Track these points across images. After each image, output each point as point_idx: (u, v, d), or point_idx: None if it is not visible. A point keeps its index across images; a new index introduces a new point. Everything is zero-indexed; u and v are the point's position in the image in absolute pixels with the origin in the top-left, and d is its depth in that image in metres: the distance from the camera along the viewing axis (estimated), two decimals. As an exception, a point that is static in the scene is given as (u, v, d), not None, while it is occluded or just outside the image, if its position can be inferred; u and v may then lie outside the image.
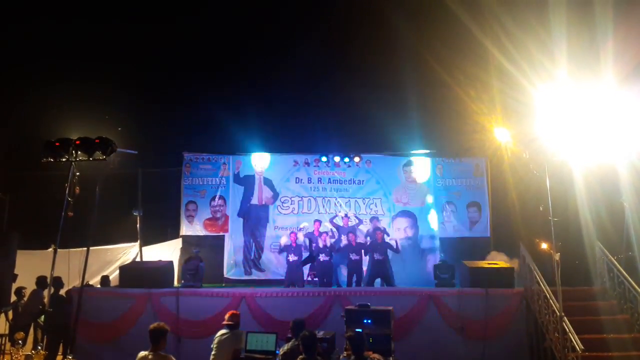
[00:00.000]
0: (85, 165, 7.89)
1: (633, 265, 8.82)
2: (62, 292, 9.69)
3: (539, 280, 8.53)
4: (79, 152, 7.65)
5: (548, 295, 8.09)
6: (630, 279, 8.12)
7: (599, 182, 8.80)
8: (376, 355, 5.45)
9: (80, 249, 9.29)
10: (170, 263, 10.55)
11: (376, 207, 12.80)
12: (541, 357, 8.46)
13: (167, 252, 12.30)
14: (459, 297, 8.99)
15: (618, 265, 8.57)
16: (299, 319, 6.70)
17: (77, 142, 7.60)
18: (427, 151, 12.97)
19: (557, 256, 7.35)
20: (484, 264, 9.75)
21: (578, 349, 7.00)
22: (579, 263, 9.96)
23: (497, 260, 10.16)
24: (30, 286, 9.68)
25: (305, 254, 10.99)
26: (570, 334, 7.23)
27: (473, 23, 10.33)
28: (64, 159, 7.62)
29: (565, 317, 7.36)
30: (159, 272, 9.91)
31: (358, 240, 11.07)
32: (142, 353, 5.53)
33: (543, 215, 8.09)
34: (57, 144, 7.60)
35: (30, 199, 12.11)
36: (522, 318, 8.91)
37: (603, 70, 7.30)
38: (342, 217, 12.12)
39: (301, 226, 12.01)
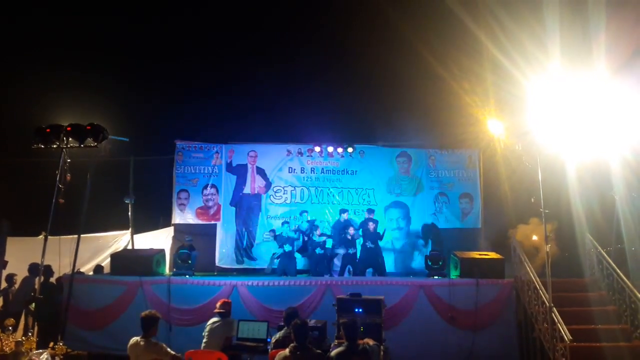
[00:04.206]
0: (77, 152, 7.84)
1: (622, 257, 8.92)
2: (53, 279, 9.66)
3: (529, 271, 8.61)
4: (70, 139, 7.60)
5: (538, 286, 8.17)
6: (618, 271, 8.20)
7: (591, 175, 8.85)
8: (370, 340, 5.47)
9: (71, 236, 9.24)
10: (162, 251, 10.56)
11: (369, 197, 12.81)
12: (530, 347, 8.57)
13: (159, 240, 12.29)
14: (450, 287, 9.07)
15: (607, 257, 8.66)
16: (291, 308, 6.72)
17: (69, 128, 7.56)
18: (421, 142, 12.96)
19: (547, 247, 7.41)
20: (475, 254, 9.82)
21: (566, 339, 7.07)
22: (569, 255, 10.05)
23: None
24: (20, 273, 9.64)
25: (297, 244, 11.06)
26: (559, 325, 7.30)
27: (467, 16, 10.31)
28: (54, 146, 7.57)
29: (554, 308, 7.43)
30: (151, 260, 9.91)
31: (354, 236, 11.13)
32: (134, 339, 5.55)
33: (535, 207, 8.14)
34: (48, 130, 7.55)
35: (21, 185, 12.02)
36: (512, 308, 9.01)
37: (596, 63, 7.30)
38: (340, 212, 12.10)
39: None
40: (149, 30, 14.04)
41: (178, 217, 12.62)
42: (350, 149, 12.72)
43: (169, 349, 5.55)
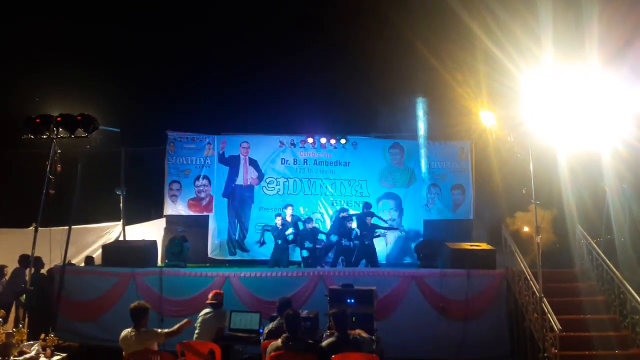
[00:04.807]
0: (67, 143, 7.76)
1: (612, 248, 8.99)
2: (44, 271, 9.61)
3: (520, 261, 8.66)
4: (60, 129, 7.51)
5: (528, 277, 8.22)
6: (608, 262, 8.26)
7: (582, 166, 8.89)
8: (363, 332, 5.50)
9: (62, 227, 9.19)
10: (154, 242, 10.53)
11: (361, 188, 12.82)
12: (520, 337, 8.64)
13: (151, 231, 12.24)
14: (441, 278, 9.11)
15: (597, 248, 8.72)
16: (285, 298, 6.74)
17: (59, 118, 7.47)
18: (413, 134, 12.95)
19: (538, 238, 7.45)
20: (466, 245, 9.86)
21: (556, 328, 7.13)
22: (559, 246, 10.11)
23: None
24: (10, 264, 9.58)
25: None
26: (548, 315, 7.36)
27: (460, 7, 10.28)
28: (44, 136, 7.48)
29: (544, 298, 7.49)
30: (143, 251, 9.90)
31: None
32: (125, 331, 5.55)
33: (526, 198, 8.17)
34: (38, 120, 7.45)
35: (10, 176, 11.91)
36: (502, 298, 9.07)
37: (588, 54, 7.32)
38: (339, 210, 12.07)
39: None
40: (140, 20, 13.90)
41: (170, 209, 12.57)
42: (343, 140, 12.69)
43: (159, 330, 5.60)
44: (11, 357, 5.47)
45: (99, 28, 13.57)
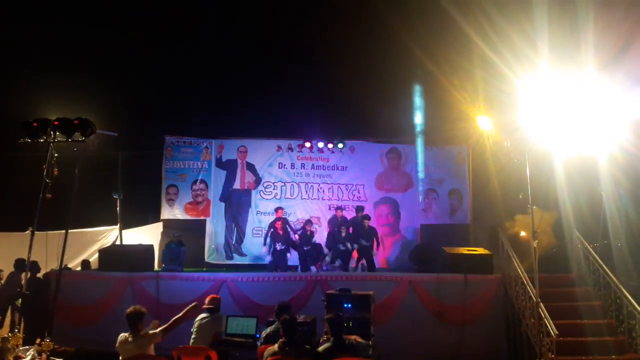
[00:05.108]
0: (64, 147, 7.75)
1: (608, 253, 9.01)
2: (40, 275, 9.58)
3: (517, 266, 8.67)
4: (58, 133, 7.50)
5: (525, 282, 8.23)
6: (604, 267, 8.28)
7: (579, 171, 8.92)
8: (357, 337, 5.50)
9: (59, 231, 9.15)
10: (151, 247, 10.51)
11: (359, 193, 12.84)
12: (517, 342, 8.63)
13: (148, 235, 12.20)
14: (438, 283, 9.09)
15: (594, 253, 8.73)
16: (284, 303, 6.71)
17: (56, 122, 7.45)
18: (411, 138, 12.97)
19: (535, 243, 7.46)
20: (463, 250, 9.87)
21: (553, 334, 7.14)
22: (556, 251, 10.12)
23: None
24: (6, 268, 9.54)
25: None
26: (545, 320, 7.37)
27: (457, 12, 10.33)
28: (41, 140, 7.47)
29: (541, 303, 7.49)
30: (139, 255, 9.88)
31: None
32: (122, 336, 5.54)
33: (523, 203, 8.18)
34: (35, 124, 7.43)
35: (7, 180, 11.87)
36: (499, 303, 9.06)
37: (584, 59, 7.36)
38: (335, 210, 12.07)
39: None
40: (138, 24, 13.90)
41: (167, 213, 12.57)
42: (340, 145, 12.75)
43: (155, 330, 5.59)
44: (6, 362, 5.45)
45: (97, 32, 13.56)
